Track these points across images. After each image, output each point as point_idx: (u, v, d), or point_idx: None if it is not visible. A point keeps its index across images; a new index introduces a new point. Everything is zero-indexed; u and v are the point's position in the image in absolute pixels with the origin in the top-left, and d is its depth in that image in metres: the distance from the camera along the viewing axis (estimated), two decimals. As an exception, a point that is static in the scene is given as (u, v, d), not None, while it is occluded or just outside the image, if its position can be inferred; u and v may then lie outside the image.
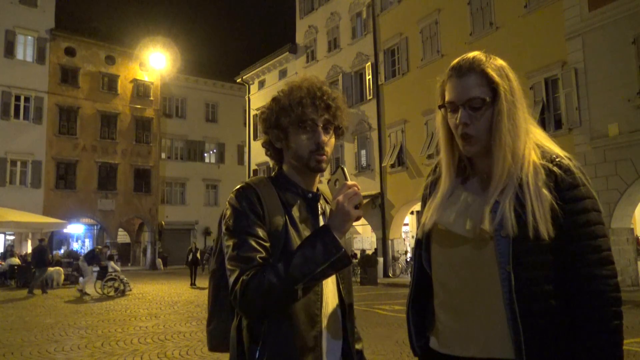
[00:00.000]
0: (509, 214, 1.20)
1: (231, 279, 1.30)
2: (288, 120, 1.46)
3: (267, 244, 1.35)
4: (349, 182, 1.31)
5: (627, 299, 10.42)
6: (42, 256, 15.50)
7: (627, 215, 12.93)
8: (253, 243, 1.34)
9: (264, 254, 1.33)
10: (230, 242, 1.36)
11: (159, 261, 31.65)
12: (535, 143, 1.29)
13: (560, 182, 1.22)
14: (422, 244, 1.41)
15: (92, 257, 15.65)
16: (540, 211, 1.18)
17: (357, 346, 1.53)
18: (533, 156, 1.25)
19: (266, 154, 1.60)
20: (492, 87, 1.26)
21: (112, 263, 15.59)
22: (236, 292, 1.27)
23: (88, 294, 14.34)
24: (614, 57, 12.82)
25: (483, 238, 1.23)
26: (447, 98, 1.31)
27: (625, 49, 12.66)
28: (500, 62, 1.31)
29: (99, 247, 17.81)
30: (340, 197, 1.28)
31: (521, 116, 1.28)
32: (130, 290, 15.27)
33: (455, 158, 1.37)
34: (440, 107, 1.34)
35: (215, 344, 1.51)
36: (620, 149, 12.63)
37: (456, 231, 1.29)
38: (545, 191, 1.20)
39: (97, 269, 15.47)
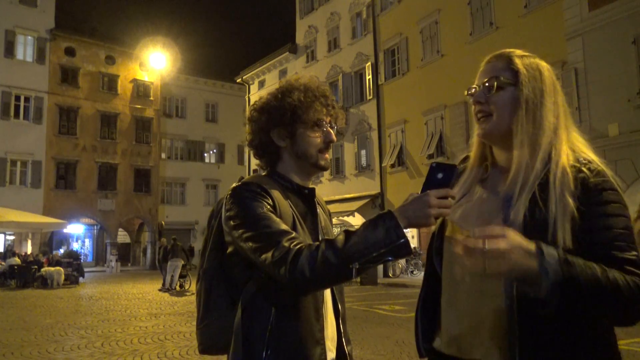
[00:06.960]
0: (521, 212, 1.14)
1: (268, 253, 1.24)
2: (300, 118, 1.45)
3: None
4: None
5: (627, 299, 10.31)
6: (175, 251, 16.98)
7: (627, 215, 12.94)
8: (280, 221, 1.32)
9: (294, 233, 1.30)
10: (252, 226, 1.30)
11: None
12: (570, 148, 1.22)
13: (589, 183, 1.13)
14: (435, 240, 1.38)
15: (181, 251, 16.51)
16: (561, 219, 1.10)
17: (347, 348, 1.52)
18: (563, 158, 1.18)
19: (257, 154, 1.54)
20: (515, 73, 1.25)
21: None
22: (282, 261, 1.21)
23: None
24: (614, 57, 12.81)
25: None
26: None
27: (625, 49, 12.66)
28: (537, 60, 1.30)
29: (174, 237, 18.01)
30: (430, 191, 1.17)
31: (550, 111, 1.24)
32: None
33: (481, 154, 1.36)
34: (468, 93, 1.32)
35: (207, 345, 1.44)
36: (620, 149, 12.62)
37: (467, 228, 1.26)
38: (569, 198, 1.11)
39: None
